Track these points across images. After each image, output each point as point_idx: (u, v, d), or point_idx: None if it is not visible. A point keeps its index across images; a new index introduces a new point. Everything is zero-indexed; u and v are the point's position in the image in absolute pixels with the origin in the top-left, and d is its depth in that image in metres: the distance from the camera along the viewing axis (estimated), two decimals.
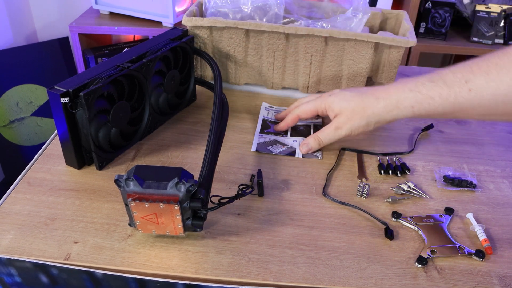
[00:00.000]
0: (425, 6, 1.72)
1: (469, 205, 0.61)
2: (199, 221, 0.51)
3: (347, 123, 0.66)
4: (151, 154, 0.68)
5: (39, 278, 0.51)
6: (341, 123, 0.66)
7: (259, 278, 0.49)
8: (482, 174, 0.67)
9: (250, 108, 0.82)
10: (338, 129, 0.67)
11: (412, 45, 0.76)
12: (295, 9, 0.88)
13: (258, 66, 0.84)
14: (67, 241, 0.52)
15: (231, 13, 0.83)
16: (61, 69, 1.96)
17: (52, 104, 0.58)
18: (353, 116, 0.65)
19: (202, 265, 0.50)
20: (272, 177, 0.64)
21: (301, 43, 0.79)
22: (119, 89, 0.64)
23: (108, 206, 0.58)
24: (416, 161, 0.69)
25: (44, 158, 0.66)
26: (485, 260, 0.52)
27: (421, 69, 1.02)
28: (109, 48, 1.79)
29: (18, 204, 0.58)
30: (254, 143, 0.71)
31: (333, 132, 0.68)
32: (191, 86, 0.80)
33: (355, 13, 0.81)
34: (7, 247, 0.51)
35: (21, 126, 1.87)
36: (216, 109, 0.63)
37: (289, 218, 0.57)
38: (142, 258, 0.51)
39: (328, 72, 0.82)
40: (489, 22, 1.72)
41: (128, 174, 0.47)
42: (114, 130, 0.65)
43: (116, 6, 1.72)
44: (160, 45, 0.72)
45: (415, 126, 0.78)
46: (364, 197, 0.61)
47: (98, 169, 0.64)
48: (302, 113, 0.72)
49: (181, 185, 0.47)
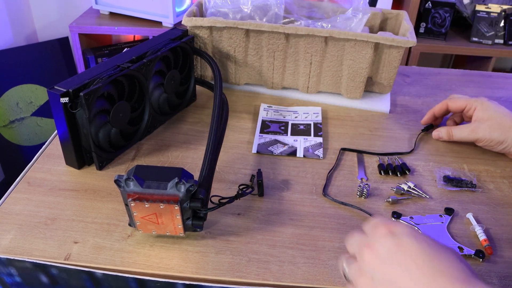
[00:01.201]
0: (425, 6, 1.72)
1: (469, 205, 0.61)
2: (199, 221, 0.51)
3: (486, 131, 0.68)
4: (151, 154, 0.68)
5: (39, 278, 0.51)
6: (480, 128, 0.68)
7: (259, 278, 0.49)
8: (482, 174, 0.67)
9: (250, 108, 0.82)
10: (473, 132, 0.69)
11: (412, 45, 0.76)
12: (295, 9, 0.88)
13: (258, 66, 0.84)
14: (67, 241, 0.52)
15: (231, 13, 0.83)
16: (61, 69, 1.96)
17: (52, 104, 0.58)
18: (496, 128, 0.67)
19: (202, 265, 0.50)
20: (272, 177, 0.64)
21: (301, 43, 0.79)
22: (119, 89, 0.64)
23: (108, 206, 0.58)
24: (416, 161, 0.69)
25: (44, 158, 0.66)
26: (485, 260, 0.52)
27: (421, 69, 1.02)
28: (109, 48, 1.79)
29: (18, 204, 0.58)
30: (254, 144, 0.71)
31: (467, 132, 0.70)
32: (191, 86, 0.80)
33: (355, 13, 0.81)
34: (7, 247, 0.51)
35: (21, 126, 1.87)
36: (216, 109, 0.63)
37: (289, 218, 0.57)
38: (142, 258, 0.51)
39: (328, 72, 0.82)
40: (489, 22, 1.72)
41: (128, 174, 0.47)
42: (114, 130, 0.65)
43: (116, 6, 1.72)
44: (160, 45, 0.72)
45: (415, 127, 0.78)
46: (364, 197, 0.61)
47: (98, 169, 0.64)
48: (452, 103, 0.73)
49: (181, 185, 0.47)
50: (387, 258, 0.39)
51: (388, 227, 0.41)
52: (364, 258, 0.41)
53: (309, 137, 0.74)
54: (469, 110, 0.71)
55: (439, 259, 0.38)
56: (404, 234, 0.40)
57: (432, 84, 0.95)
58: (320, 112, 0.81)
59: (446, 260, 0.38)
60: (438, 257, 0.38)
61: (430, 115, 0.76)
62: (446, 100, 0.75)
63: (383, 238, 0.40)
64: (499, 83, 0.97)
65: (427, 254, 0.38)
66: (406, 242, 0.39)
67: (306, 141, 0.72)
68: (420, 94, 0.90)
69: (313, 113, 0.80)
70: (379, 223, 0.42)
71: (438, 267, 0.37)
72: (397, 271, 0.38)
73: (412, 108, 0.85)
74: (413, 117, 0.81)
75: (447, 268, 0.37)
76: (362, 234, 0.44)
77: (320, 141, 0.73)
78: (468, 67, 2.00)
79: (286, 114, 0.80)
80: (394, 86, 0.92)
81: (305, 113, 0.81)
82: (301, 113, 0.81)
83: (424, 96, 0.89)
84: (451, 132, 0.72)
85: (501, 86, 0.95)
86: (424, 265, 0.37)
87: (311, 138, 0.73)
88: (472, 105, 0.70)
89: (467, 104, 0.71)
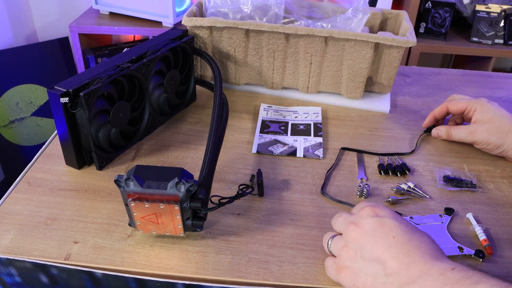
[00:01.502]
0: (425, 6, 1.72)
1: (469, 205, 0.61)
2: (199, 221, 0.51)
3: (484, 134, 0.68)
4: (151, 154, 0.68)
5: (39, 278, 0.51)
6: (478, 130, 0.68)
7: (259, 278, 0.49)
8: (482, 174, 0.67)
9: (250, 108, 0.82)
10: (471, 134, 0.69)
11: (412, 45, 0.76)
12: (295, 9, 0.88)
13: (258, 66, 0.84)
14: (67, 241, 0.52)
15: (231, 13, 0.83)
16: (61, 69, 1.96)
17: (52, 104, 0.58)
18: (494, 132, 0.67)
19: (202, 265, 0.50)
20: (272, 177, 0.64)
21: (301, 43, 0.79)
22: (119, 89, 0.64)
23: (108, 206, 0.58)
24: (416, 161, 0.69)
25: (44, 158, 0.66)
26: (485, 260, 0.52)
27: (421, 69, 1.02)
28: (109, 48, 1.79)
29: (18, 204, 0.58)
30: (254, 144, 0.71)
31: (465, 133, 0.70)
32: (191, 86, 0.80)
33: (355, 13, 0.81)
34: (7, 247, 0.51)
35: (21, 126, 1.87)
36: (216, 109, 0.63)
37: (289, 218, 0.57)
38: (142, 258, 0.51)
39: (328, 72, 0.82)
40: (489, 22, 1.72)
41: (128, 174, 0.47)
42: (114, 130, 0.65)
43: (116, 6, 1.72)
44: (160, 45, 0.72)
45: (415, 127, 0.78)
46: (364, 197, 0.61)
47: (98, 169, 0.64)
48: (452, 105, 0.73)
49: (181, 185, 0.47)
50: (371, 234, 0.45)
51: (373, 209, 0.48)
52: (350, 233, 0.47)
53: (309, 137, 0.74)
54: (469, 112, 0.71)
55: (415, 238, 0.44)
56: (387, 216, 0.46)
57: (432, 84, 0.95)
58: (320, 112, 0.81)
59: (420, 239, 0.44)
60: (414, 236, 0.44)
61: (431, 118, 0.76)
62: (445, 102, 0.75)
63: (368, 217, 0.47)
64: (499, 83, 0.97)
65: (405, 233, 0.44)
66: (388, 222, 0.45)
67: (306, 141, 0.72)
68: (420, 94, 0.90)
69: (313, 113, 0.80)
70: (365, 206, 0.49)
71: (413, 243, 0.43)
72: (378, 245, 0.44)
73: (412, 108, 0.85)
74: (413, 117, 0.81)
75: (420, 245, 0.43)
76: (349, 215, 0.50)
77: (320, 141, 0.73)
78: (468, 67, 2.00)
79: (286, 114, 0.80)
80: (394, 86, 0.92)
81: (305, 113, 0.81)
82: (301, 113, 0.81)
83: (424, 96, 0.89)
84: (450, 131, 0.73)
85: (501, 86, 0.95)
86: (402, 241, 0.43)
87: (311, 138, 0.73)
88: (472, 106, 0.70)
89: (467, 106, 0.71)
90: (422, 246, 0.43)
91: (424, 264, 0.41)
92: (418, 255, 0.42)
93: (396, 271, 0.42)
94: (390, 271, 0.42)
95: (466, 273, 0.39)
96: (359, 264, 0.45)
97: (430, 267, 0.41)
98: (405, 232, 0.44)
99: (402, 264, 0.42)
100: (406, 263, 0.42)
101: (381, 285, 0.43)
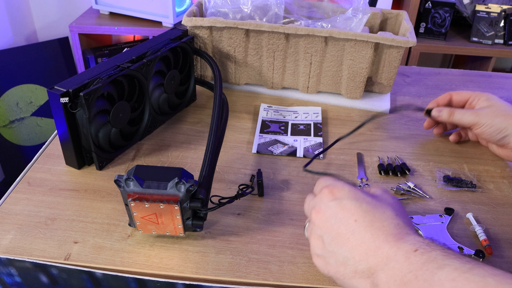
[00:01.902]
0: (425, 6, 1.72)
1: (469, 205, 0.61)
2: (199, 221, 0.51)
3: (488, 115, 0.66)
4: (151, 154, 0.68)
5: (39, 278, 0.51)
6: (483, 111, 0.67)
7: (259, 278, 0.49)
8: (482, 174, 0.67)
9: (250, 108, 0.82)
10: (476, 114, 0.67)
11: (412, 45, 0.76)
12: (295, 9, 0.88)
13: (258, 66, 0.84)
14: (67, 241, 0.52)
15: (231, 13, 0.83)
16: (61, 69, 1.96)
17: (52, 104, 0.58)
18: (499, 114, 0.66)
19: (202, 265, 0.50)
20: (272, 177, 0.64)
21: (301, 43, 0.79)
22: (119, 89, 0.64)
23: (108, 206, 0.58)
24: (416, 161, 0.69)
25: (44, 158, 0.66)
26: (485, 260, 0.52)
27: (421, 69, 1.02)
28: (109, 48, 1.80)
29: (18, 204, 0.58)
30: (254, 144, 0.71)
31: (469, 113, 0.68)
32: (191, 86, 0.80)
33: (355, 13, 0.81)
34: (7, 247, 0.51)
35: (21, 126, 1.87)
36: (216, 109, 0.63)
37: (289, 218, 0.57)
38: (142, 258, 0.51)
39: (328, 72, 0.82)
40: (489, 22, 1.72)
41: (128, 174, 0.47)
42: (114, 130, 0.65)
43: (116, 6, 1.72)
44: (160, 45, 0.72)
45: (416, 127, 0.78)
46: None
47: (98, 169, 0.64)
48: (456, 94, 0.73)
49: (181, 185, 0.47)
50: (332, 220, 0.44)
51: (331, 190, 0.46)
52: (314, 220, 0.46)
53: (309, 137, 0.74)
54: (472, 101, 0.70)
55: (377, 217, 0.43)
56: (345, 197, 0.45)
57: (432, 84, 0.95)
58: (320, 112, 0.81)
59: (383, 217, 0.43)
60: (375, 214, 0.43)
61: (433, 104, 0.75)
62: (450, 92, 0.74)
63: (328, 201, 0.45)
64: (499, 83, 0.97)
65: (366, 213, 0.43)
66: (348, 203, 0.44)
67: (306, 141, 0.72)
68: (420, 94, 0.90)
69: (313, 113, 0.80)
70: (324, 187, 0.47)
71: (376, 224, 0.43)
72: (341, 229, 0.43)
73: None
74: (413, 117, 0.81)
75: (383, 225, 0.43)
76: (312, 197, 0.49)
77: (320, 141, 0.73)
78: (468, 67, 2.00)
79: (286, 114, 0.80)
80: (394, 86, 0.92)
81: (305, 113, 0.81)
82: (301, 113, 0.81)
83: (424, 96, 0.89)
84: (453, 112, 0.70)
85: (501, 86, 0.95)
86: (364, 225, 0.43)
87: (311, 138, 0.73)
88: (476, 96, 0.70)
89: (471, 96, 0.71)
90: (385, 225, 0.43)
91: (389, 249, 0.41)
92: (382, 238, 0.42)
93: (364, 257, 0.42)
94: (359, 258, 0.42)
95: (429, 255, 0.39)
96: (327, 252, 0.44)
97: (395, 251, 0.40)
98: (366, 212, 0.43)
99: (368, 250, 0.42)
100: (373, 249, 0.42)
101: (352, 273, 0.43)
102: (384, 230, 0.42)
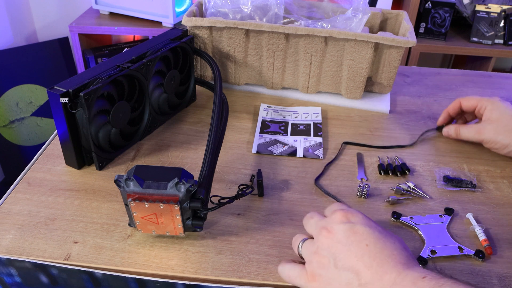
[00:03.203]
0: (425, 6, 1.72)
1: (469, 205, 0.61)
2: (199, 221, 0.51)
3: (491, 133, 0.68)
4: (151, 154, 0.68)
5: (39, 278, 0.51)
6: (485, 129, 0.68)
7: (259, 278, 0.49)
8: (482, 174, 0.67)
9: (250, 108, 0.82)
10: (479, 133, 0.69)
11: (412, 45, 0.76)
12: (295, 9, 0.88)
13: (258, 66, 0.84)
14: (67, 241, 0.52)
15: (231, 13, 0.83)
16: (61, 69, 1.96)
17: (52, 104, 0.58)
18: (501, 131, 0.67)
19: (202, 265, 0.50)
20: (272, 177, 0.64)
21: (301, 43, 0.79)
22: (119, 89, 0.64)
23: (108, 206, 0.58)
24: (416, 161, 0.69)
25: (44, 158, 0.66)
26: (485, 260, 0.52)
27: (421, 69, 1.02)
28: (109, 48, 1.80)
29: (18, 204, 0.58)
30: (254, 144, 0.71)
31: (473, 133, 0.71)
32: (191, 86, 0.80)
33: (355, 13, 0.81)
34: (7, 247, 0.51)
35: (21, 126, 1.87)
36: (216, 109, 0.63)
37: (289, 218, 0.57)
38: (142, 258, 0.51)
39: (328, 72, 0.82)
40: (489, 22, 1.72)
41: (128, 174, 0.47)
42: (114, 130, 0.65)
43: (116, 6, 1.72)
44: (160, 45, 0.72)
45: (416, 127, 0.78)
46: (364, 197, 0.61)
47: (98, 169, 0.64)
48: (465, 101, 0.73)
49: (181, 185, 0.47)
50: (343, 242, 0.44)
51: (345, 214, 0.46)
52: (322, 240, 0.46)
53: (309, 137, 0.74)
54: (480, 109, 0.71)
55: (387, 245, 0.44)
56: (359, 222, 0.45)
57: (432, 84, 0.95)
58: (320, 112, 0.81)
59: (392, 247, 0.44)
60: (386, 243, 0.44)
61: (445, 115, 0.76)
62: (459, 98, 0.75)
63: (341, 223, 0.46)
64: (499, 83, 0.97)
65: (378, 240, 0.44)
66: (361, 229, 0.45)
67: (306, 141, 0.72)
68: (420, 94, 0.90)
69: (313, 113, 0.80)
70: (338, 210, 0.47)
71: (386, 252, 0.43)
72: (352, 254, 0.43)
73: (412, 108, 0.85)
74: (413, 117, 0.81)
75: (393, 254, 0.43)
76: (321, 217, 0.49)
77: (320, 141, 0.73)
78: (468, 67, 2.00)
79: (286, 114, 0.80)
80: (394, 86, 0.92)
81: (305, 113, 0.81)
82: (301, 113, 0.81)
83: (424, 96, 0.89)
84: (459, 130, 0.72)
85: (501, 86, 0.95)
86: (375, 250, 0.43)
87: (311, 138, 0.73)
88: (483, 104, 0.70)
89: (478, 103, 0.71)
90: (395, 254, 0.43)
91: (397, 275, 0.41)
92: (391, 265, 0.42)
93: (369, 281, 0.42)
94: (364, 281, 0.42)
95: (438, 282, 0.39)
96: (332, 273, 0.44)
97: (403, 278, 0.41)
98: (378, 239, 0.44)
99: (375, 274, 0.42)
100: (380, 273, 0.41)
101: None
102: (393, 258, 0.43)
